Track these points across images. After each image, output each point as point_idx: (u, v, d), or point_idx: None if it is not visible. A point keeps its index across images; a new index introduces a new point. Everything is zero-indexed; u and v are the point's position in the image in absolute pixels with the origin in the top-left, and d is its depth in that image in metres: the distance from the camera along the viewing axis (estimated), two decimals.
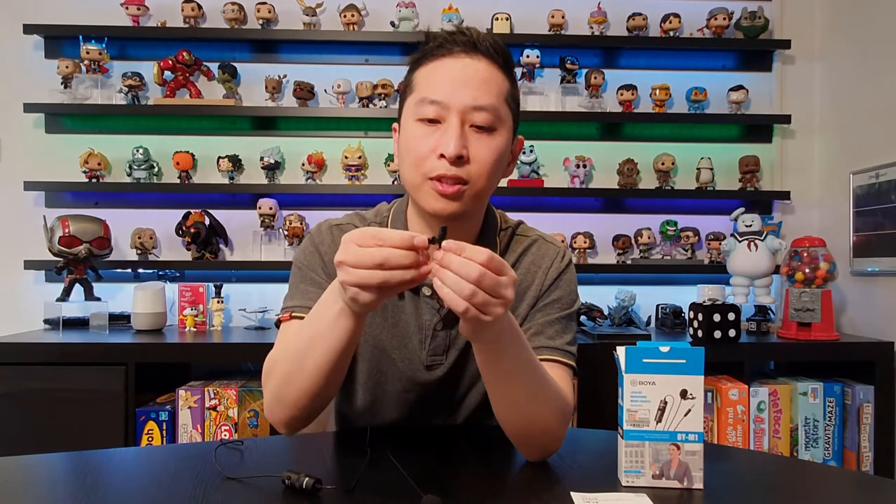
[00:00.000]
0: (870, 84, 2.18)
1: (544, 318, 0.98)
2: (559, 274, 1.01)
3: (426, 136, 0.88)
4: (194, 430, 1.89)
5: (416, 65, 0.93)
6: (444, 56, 0.90)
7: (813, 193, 2.44)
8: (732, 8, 2.35)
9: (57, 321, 2.10)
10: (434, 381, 1.01)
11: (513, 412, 0.85)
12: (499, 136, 0.90)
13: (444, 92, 0.87)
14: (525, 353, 0.82)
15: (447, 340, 1.00)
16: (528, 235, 1.05)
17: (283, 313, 0.96)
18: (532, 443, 0.87)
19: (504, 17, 2.31)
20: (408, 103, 0.93)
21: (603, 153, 2.40)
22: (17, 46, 2.29)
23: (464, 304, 0.68)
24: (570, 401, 0.92)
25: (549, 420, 0.86)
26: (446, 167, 0.87)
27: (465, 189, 0.88)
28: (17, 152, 2.30)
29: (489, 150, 0.89)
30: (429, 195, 0.89)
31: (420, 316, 0.99)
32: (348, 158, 2.31)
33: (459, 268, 0.68)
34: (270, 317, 2.25)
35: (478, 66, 0.89)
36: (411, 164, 0.90)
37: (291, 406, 0.87)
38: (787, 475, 0.89)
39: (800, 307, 2.02)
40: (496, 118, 0.89)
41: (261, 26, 2.30)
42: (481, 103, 0.87)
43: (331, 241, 1.00)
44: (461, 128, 0.87)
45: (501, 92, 0.91)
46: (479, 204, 0.96)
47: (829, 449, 1.96)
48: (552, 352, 0.96)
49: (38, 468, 0.85)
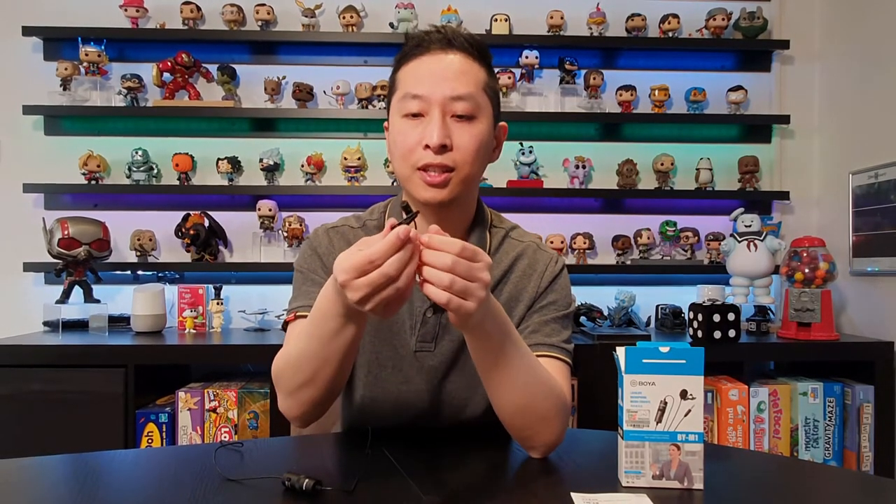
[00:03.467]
0: (869, 84, 2.18)
1: (540, 318, 1.02)
2: (554, 278, 1.05)
3: (411, 129, 0.94)
4: (194, 432, 1.89)
5: (398, 65, 0.99)
6: (423, 54, 0.95)
7: (812, 193, 2.44)
8: (731, 8, 2.36)
9: (56, 323, 2.10)
10: (427, 372, 1.02)
11: (508, 400, 0.88)
12: (479, 123, 0.95)
13: (424, 87, 0.93)
14: (514, 341, 0.86)
15: (437, 327, 1.02)
16: (523, 241, 1.09)
17: (289, 314, 1.00)
18: (531, 434, 0.89)
19: (503, 18, 2.32)
20: (393, 101, 0.99)
21: (602, 154, 2.40)
22: (16, 48, 2.29)
23: (445, 295, 0.72)
24: (567, 394, 0.94)
25: (546, 408, 0.88)
26: (432, 157, 0.92)
27: (451, 176, 0.94)
28: (16, 154, 2.30)
29: (471, 137, 0.94)
30: (418, 185, 0.95)
31: (412, 303, 1.02)
32: (348, 160, 2.31)
33: (434, 260, 0.73)
34: (270, 318, 2.25)
35: (454, 60, 0.94)
36: (400, 157, 0.96)
37: (305, 403, 0.90)
38: (788, 475, 0.89)
39: (799, 307, 2.03)
40: (475, 106, 0.94)
41: (260, 28, 2.31)
42: (459, 93, 0.93)
43: (328, 242, 1.04)
44: (443, 119, 0.92)
45: (479, 82, 0.96)
46: (468, 190, 0.99)
47: (830, 449, 1.96)
48: (548, 348, 0.99)
49: (38, 470, 0.85)
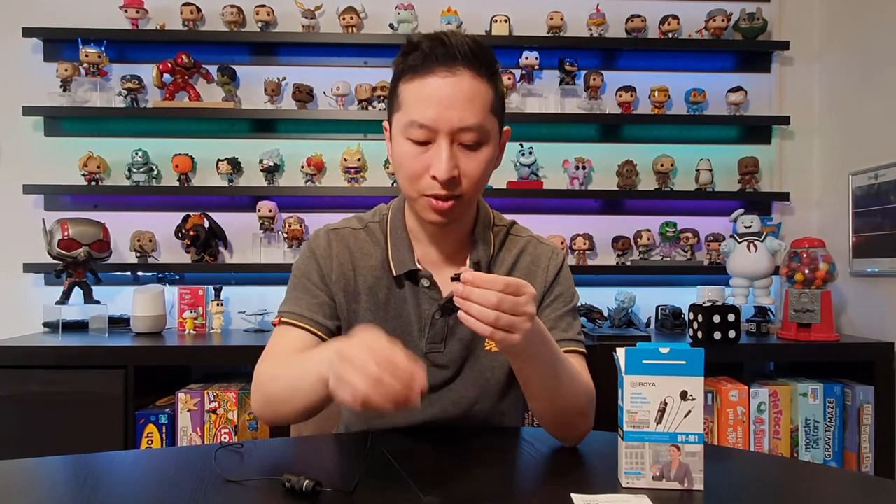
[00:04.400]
0: (869, 85, 2.18)
1: (554, 314, 1.05)
2: (558, 271, 1.08)
3: (417, 155, 0.92)
4: (194, 433, 1.89)
5: (400, 76, 0.94)
6: (427, 75, 0.90)
7: (812, 194, 2.44)
8: (731, 9, 2.36)
9: (56, 324, 2.10)
10: (435, 373, 1.03)
11: (551, 403, 0.92)
12: (487, 148, 0.94)
13: (430, 116, 0.89)
14: (553, 350, 0.89)
15: (445, 329, 1.03)
16: (523, 236, 1.11)
17: (276, 317, 1.03)
18: (569, 426, 0.95)
19: (503, 19, 2.32)
20: (396, 118, 0.95)
21: (602, 155, 2.40)
22: (16, 49, 2.29)
23: (489, 329, 0.76)
24: (591, 384, 1.00)
25: (582, 402, 0.95)
26: (439, 188, 0.92)
27: (457, 203, 0.94)
28: (16, 155, 2.30)
29: (478, 164, 0.93)
30: (424, 208, 0.95)
31: (420, 306, 1.03)
32: (347, 161, 2.31)
33: (479, 298, 0.75)
34: (270, 319, 2.25)
35: (461, 84, 0.90)
36: (406, 179, 0.95)
37: (273, 416, 0.95)
38: (788, 476, 0.89)
39: (799, 308, 2.03)
40: (482, 133, 0.92)
41: (260, 29, 2.31)
42: (468, 124, 0.90)
43: (326, 244, 1.05)
44: (450, 148, 0.90)
45: (486, 104, 0.92)
46: (472, 206, 1.02)
47: (830, 450, 1.96)
48: (569, 343, 1.04)
49: (38, 471, 0.85)
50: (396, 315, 1.04)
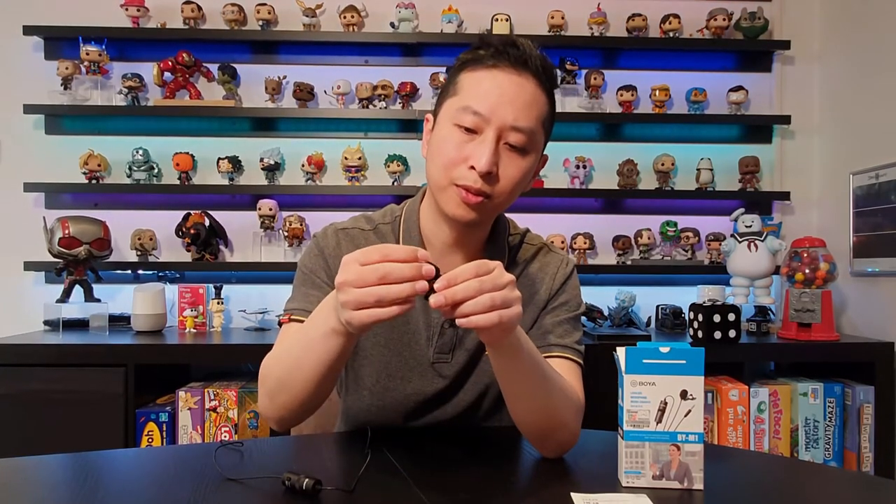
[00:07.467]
0: (869, 84, 2.18)
1: (553, 320, 1.02)
2: (565, 279, 1.05)
3: (461, 143, 0.90)
4: (194, 432, 1.89)
5: (463, 66, 0.94)
6: (494, 68, 0.90)
7: (813, 194, 2.44)
8: (732, 9, 2.36)
9: (57, 322, 2.10)
10: (441, 382, 1.02)
11: (532, 410, 0.87)
12: (529, 157, 0.93)
13: (487, 105, 0.88)
14: (536, 353, 0.86)
15: (454, 339, 1.01)
16: (534, 244, 1.09)
17: (284, 315, 0.99)
18: (551, 438, 0.89)
19: (504, 18, 2.31)
20: (448, 104, 0.93)
21: (603, 154, 2.40)
22: (17, 47, 2.29)
23: (496, 314, 0.71)
24: (581, 396, 0.96)
25: (566, 414, 0.89)
26: (475, 179, 0.89)
27: (486, 202, 0.91)
28: (16, 153, 2.30)
29: (517, 170, 0.92)
30: (451, 199, 0.92)
31: (429, 314, 1.01)
32: (348, 159, 2.31)
33: (465, 292, 0.70)
34: (270, 318, 2.25)
35: (524, 86, 0.90)
36: (441, 165, 0.91)
37: (281, 408, 0.90)
38: (788, 476, 0.89)
39: (800, 308, 2.02)
40: (530, 141, 0.91)
41: (260, 27, 2.31)
42: (520, 125, 0.89)
43: (335, 244, 1.02)
44: (496, 144, 0.89)
45: (541, 115, 0.92)
46: (495, 215, 1.00)
47: (830, 449, 1.96)
48: (562, 349, 0.99)
49: (38, 469, 0.85)
50: (404, 322, 1.01)
